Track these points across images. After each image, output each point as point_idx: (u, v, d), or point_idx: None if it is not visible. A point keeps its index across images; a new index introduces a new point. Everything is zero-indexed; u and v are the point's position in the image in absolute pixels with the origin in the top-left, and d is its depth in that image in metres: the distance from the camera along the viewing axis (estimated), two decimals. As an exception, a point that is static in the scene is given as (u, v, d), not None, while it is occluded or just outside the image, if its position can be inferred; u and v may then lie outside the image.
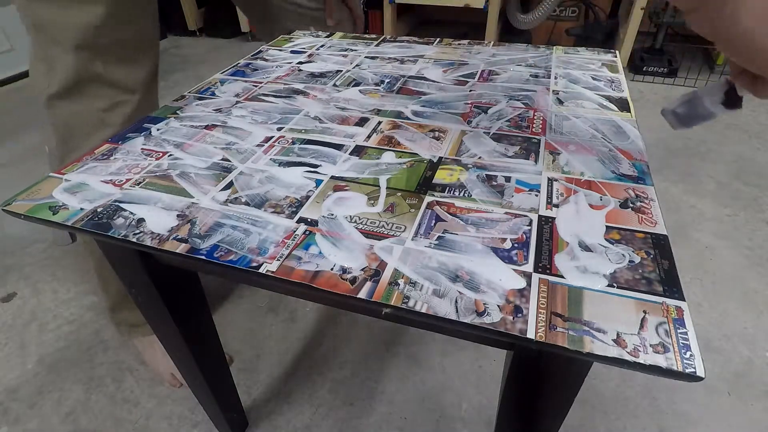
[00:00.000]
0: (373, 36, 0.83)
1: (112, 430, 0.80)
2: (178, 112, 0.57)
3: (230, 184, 0.43)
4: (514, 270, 0.32)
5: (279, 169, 0.45)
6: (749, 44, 0.28)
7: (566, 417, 0.38)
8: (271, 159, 0.47)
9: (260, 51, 0.77)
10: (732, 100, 0.36)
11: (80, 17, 0.58)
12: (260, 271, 0.33)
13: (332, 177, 0.44)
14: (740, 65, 0.31)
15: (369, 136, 0.50)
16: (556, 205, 0.38)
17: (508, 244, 0.35)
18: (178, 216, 0.39)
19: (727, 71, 0.36)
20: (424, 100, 0.58)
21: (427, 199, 0.40)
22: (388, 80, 0.64)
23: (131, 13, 0.63)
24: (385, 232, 0.36)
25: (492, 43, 0.77)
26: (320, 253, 0.35)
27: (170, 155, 0.48)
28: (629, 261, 0.33)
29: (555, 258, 0.33)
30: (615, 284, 0.31)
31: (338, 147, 0.49)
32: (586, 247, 0.34)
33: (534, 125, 0.51)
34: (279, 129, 0.53)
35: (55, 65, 0.61)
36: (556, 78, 0.62)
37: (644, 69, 1.88)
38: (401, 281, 0.32)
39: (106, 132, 0.64)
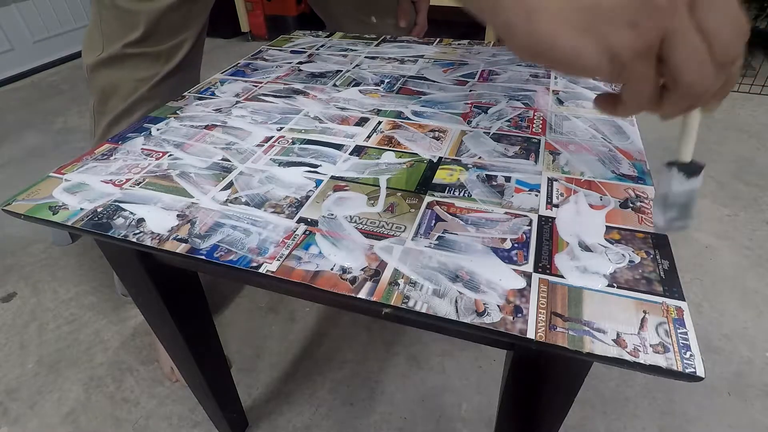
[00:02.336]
0: (373, 36, 0.83)
1: (112, 430, 0.80)
2: (178, 112, 0.57)
3: (230, 184, 0.43)
4: (514, 270, 0.32)
5: (279, 169, 0.45)
6: (551, 51, 0.24)
7: (566, 417, 0.38)
8: (271, 159, 0.47)
9: (260, 51, 0.77)
10: (690, 170, 0.31)
11: (152, 5, 0.65)
12: (260, 271, 0.33)
13: (332, 177, 0.44)
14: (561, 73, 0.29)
15: (369, 136, 0.50)
16: (556, 205, 0.38)
17: (508, 244, 0.35)
18: (178, 216, 0.39)
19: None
20: (424, 100, 0.58)
21: (427, 199, 0.40)
22: (388, 80, 0.64)
23: (186, 7, 0.68)
24: (385, 232, 0.36)
25: (492, 43, 0.77)
26: (320, 253, 0.35)
27: (170, 155, 0.48)
28: (629, 261, 0.33)
29: (555, 258, 0.33)
30: (615, 284, 0.31)
31: (338, 147, 0.49)
32: (586, 247, 0.34)
33: (534, 125, 0.51)
34: (279, 129, 0.53)
35: (112, 37, 0.67)
36: (556, 78, 0.62)
37: (644, 69, 1.88)
38: (401, 281, 0.32)
39: (136, 96, 0.70)
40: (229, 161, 0.47)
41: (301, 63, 0.72)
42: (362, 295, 0.31)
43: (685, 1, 0.22)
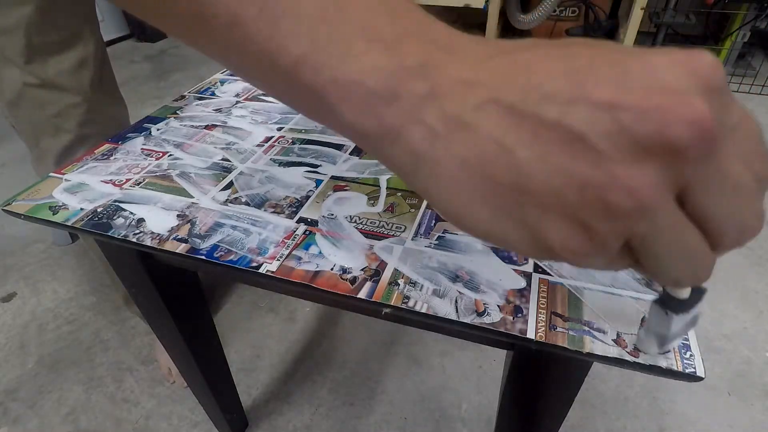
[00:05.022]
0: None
1: (112, 430, 0.80)
2: (178, 112, 0.57)
3: (230, 184, 0.43)
4: (514, 270, 0.32)
5: (279, 169, 0.45)
6: (473, 227, 0.17)
7: (566, 417, 0.38)
8: (271, 159, 0.47)
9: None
10: (690, 303, 0.21)
11: (8, 21, 0.56)
12: (260, 271, 0.33)
13: (332, 177, 0.44)
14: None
15: (369, 136, 0.50)
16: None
17: (508, 244, 0.35)
18: (178, 216, 0.39)
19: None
20: (424, 100, 0.58)
21: (427, 199, 0.40)
22: (388, 80, 0.64)
23: (60, 13, 0.60)
24: (385, 232, 0.36)
25: (492, 43, 0.77)
26: (320, 253, 0.35)
27: (170, 155, 0.48)
28: (629, 261, 0.33)
29: (555, 258, 0.33)
30: (615, 284, 0.31)
31: (338, 147, 0.49)
32: (586, 247, 0.34)
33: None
34: (279, 129, 0.53)
35: None
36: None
37: (644, 69, 1.88)
38: (401, 281, 0.32)
39: (64, 137, 0.63)
40: (229, 161, 0.47)
41: (301, 63, 0.72)
42: (362, 295, 0.31)
43: (669, 190, 0.14)
